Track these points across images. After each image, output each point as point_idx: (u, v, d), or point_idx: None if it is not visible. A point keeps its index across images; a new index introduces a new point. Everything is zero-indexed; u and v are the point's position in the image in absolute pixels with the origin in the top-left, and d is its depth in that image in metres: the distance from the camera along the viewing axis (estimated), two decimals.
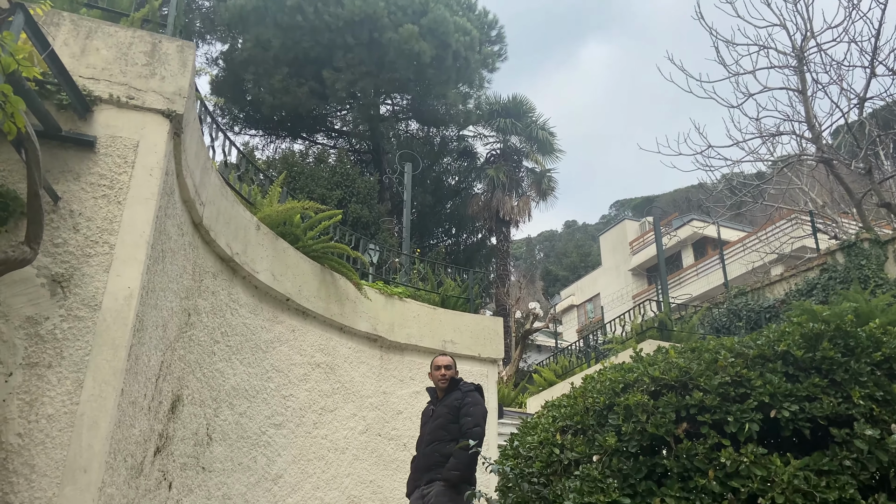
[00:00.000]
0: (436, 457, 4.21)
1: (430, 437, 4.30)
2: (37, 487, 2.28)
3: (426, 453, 4.27)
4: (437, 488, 4.14)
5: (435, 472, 4.17)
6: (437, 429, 4.30)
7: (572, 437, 3.92)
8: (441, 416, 4.35)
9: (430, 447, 4.27)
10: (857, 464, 3.25)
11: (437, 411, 4.40)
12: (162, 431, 3.27)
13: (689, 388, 3.62)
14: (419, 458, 4.29)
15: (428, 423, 4.39)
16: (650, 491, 3.47)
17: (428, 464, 4.21)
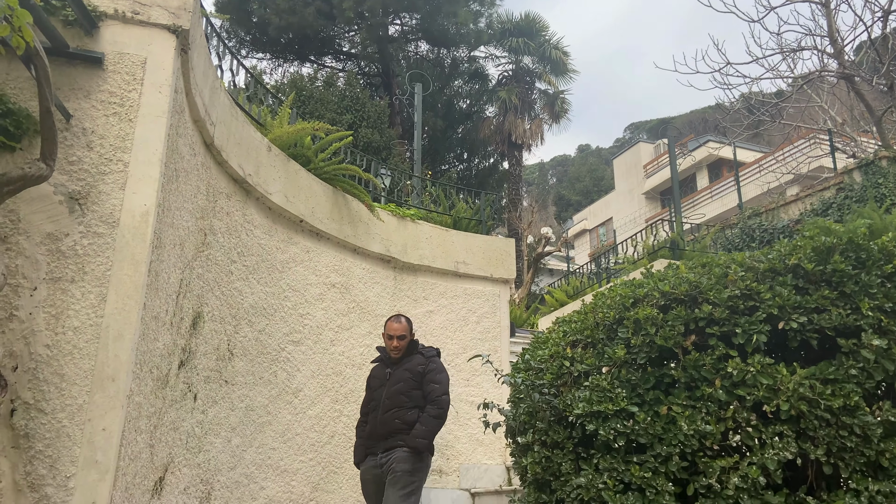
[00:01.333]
0: (396, 423, 4.00)
1: (390, 402, 4.05)
2: (67, 395, 2.39)
3: (384, 420, 4.00)
4: (401, 454, 3.96)
5: (395, 439, 3.97)
6: (398, 394, 4.07)
7: (582, 350, 4.01)
8: (402, 381, 4.10)
9: (389, 413, 4.02)
10: (862, 373, 3.31)
11: (397, 375, 4.13)
12: (185, 346, 3.38)
13: (698, 301, 3.67)
14: (376, 425, 4.01)
15: (383, 387, 4.10)
16: (657, 400, 3.57)
17: (387, 430, 3.98)
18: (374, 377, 4.23)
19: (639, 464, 3.48)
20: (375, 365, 4.33)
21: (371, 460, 4.03)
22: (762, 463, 3.26)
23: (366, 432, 4.08)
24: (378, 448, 3.99)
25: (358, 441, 4.14)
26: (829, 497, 3.29)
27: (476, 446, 5.99)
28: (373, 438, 4.02)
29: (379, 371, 4.25)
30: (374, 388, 4.17)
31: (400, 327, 4.18)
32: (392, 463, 3.93)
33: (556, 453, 3.81)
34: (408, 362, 4.18)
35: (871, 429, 3.20)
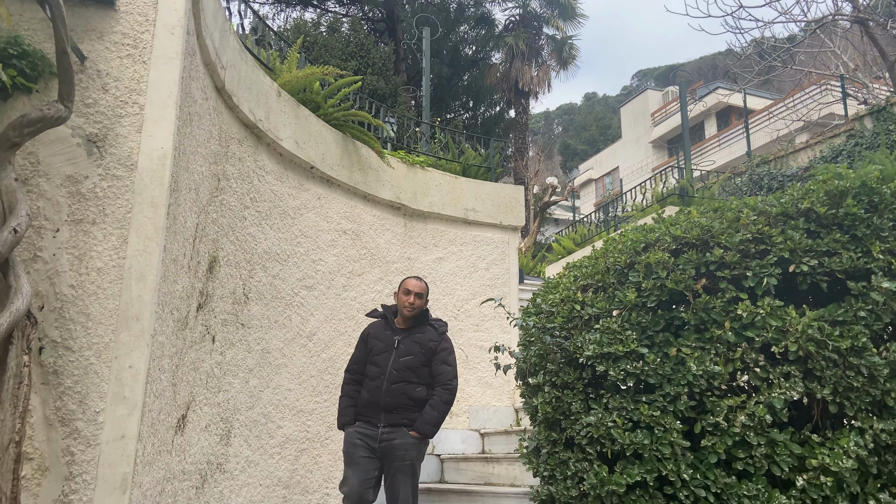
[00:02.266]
0: (403, 399, 3.81)
1: (398, 374, 3.84)
2: (93, 334, 2.45)
3: (390, 391, 3.80)
4: (408, 440, 3.78)
5: (400, 416, 3.79)
6: (406, 368, 3.86)
7: (593, 294, 4.06)
8: (412, 354, 3.90)
9: (396, 386, 3.82)
10: (871, 315, 3.36)
11: (406, 346, 3.92)
12: (202, 289, 3.44)
13: (709, 245, 3.69)
14: (379, 394, 3.79)
15: (388, 353, 3.89)
16: (667, 342, 3.64)
17: (392, 403, 3.79)
18: (375, 338, 3.97)
19: (647, 403, 3.56)
20: (375, 322, 4.08)
21: (366, 428, 3.81)
22: (769, 402, 3.33)
23: (363, 398, 3.85)
24: (378, 419, 3.79)
25: (347, 401, 3.90)
26: (833, 435, 3.38)
27: (485, 389, 6.11)
28: (372, 407, 3.81)
29: (383, 333, 3.99)
30: (376, 352, 3.91)
31: (420, 284, 4.01)
32: (399, 449, 3.76)
33: (566, 393, 3.90)
34: (418, 333, 3.97)
35: (877, 369, 3.27)
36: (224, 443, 3.68)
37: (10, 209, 2.13)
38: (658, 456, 3.42)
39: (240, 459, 3.84)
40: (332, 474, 4.74)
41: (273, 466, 4.17)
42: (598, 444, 3.63)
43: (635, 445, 3.45)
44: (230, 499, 3.71)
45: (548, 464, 3.90)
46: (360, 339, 4.08)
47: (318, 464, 4.62)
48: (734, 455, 3.37)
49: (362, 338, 4.05)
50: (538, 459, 4.05)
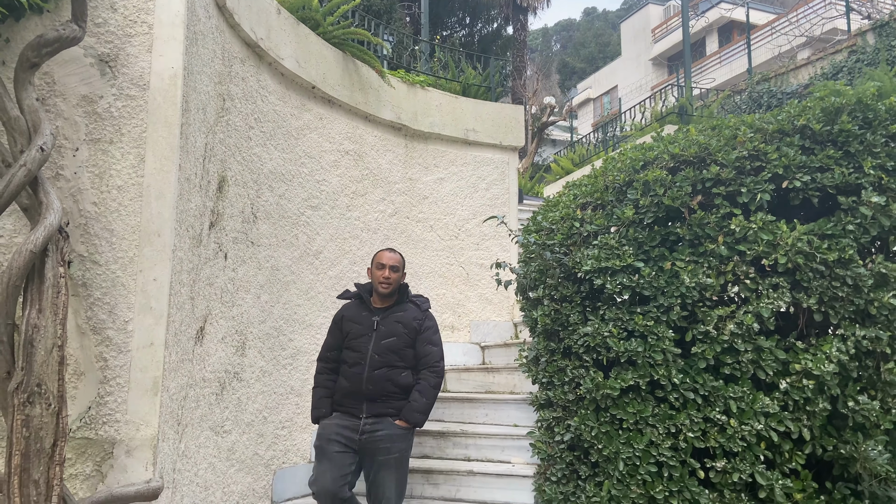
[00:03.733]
0: (387, 386, 3.50)
1: (380, 359, 3.52)
2: (118, 248, 2.57)
3: (373, 379, 3.49)
4: (395, 430, 3.49)
5: (384, 405, 3.50)
6: (389, 351, 3.55)
7: (592, 211, 4.18)
8: (395, 336, 3.58)
9: (379, 372, 3.51)
10: (859, 228, 3.50)
11: (387, 326, 3.60)
12: (213, 208, 3.54)
13: (706, 163, 3.79)
14: (360, 382, 3.49)
15: (367, 335, 3.57)
16: (662, 256, 3.79)
17: (376, 391, 3.49)
18: (351, 321, 3.63)
19: (642, 314, 3.75)
20: (348, 304, 3.75)
21: (346, 420, 3.49)
22: (757, 311, 3.51)
23: (341, 387, 3.54)
24: (359, 410, 3.48)
25: (322, 392, 3.59)
26: (817, 342, 3.58)
27: (485, 305, 6.32)
28: (353, 396, 3.49)
29: (359, 315, 3.64)
30: (353, 335, 3.58)
31: (395, 257, 3.67)
32: (385, 441, 3.45)
33: (564, 306, 4.08)
34: (398, 311, 3.66)
35: (862, 280, 3.43)
36: (240, 354, 3.88)
37: (34, 128, 2.21)
38: (650, 362, 3.63)
39: (254, 369, 4.05)
40: None
41: (286, 376, 4.40)
42: (594, 352, 3.84)
43: (629, 353, 3.65)
44: (247, 405, 3.94)
45: (546, 371, 4.12)
46: (332, 324, 3.73)
47: None
48: (722, 361, 3.58)
49: (335, 322, 3.71)
50: (537, 368, 4.28)
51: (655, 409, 3.61)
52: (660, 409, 3.60)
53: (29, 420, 1.91)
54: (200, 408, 3.38)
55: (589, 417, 3.76)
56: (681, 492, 3.50)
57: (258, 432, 4.07)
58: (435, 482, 4.39)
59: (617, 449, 3.60)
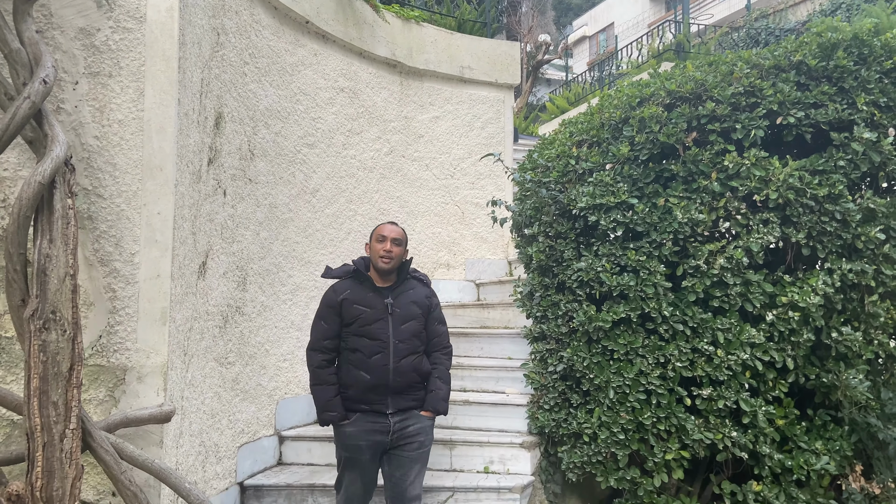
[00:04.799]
0: (413, 376, 3.19)
1: (406, 346, 3.17)
2: (121, 182, 2.61)
3: (401, 369, 3.14)
4: (424, 423, 3.23)
5: (409, 398, 3.19)
6: (412, 337, 3.22)
7: (587, 149, 4.22)
8: (413, 318, 3.25)
9: (406, 361, 3.16)
10: (850, 164, 3.56)
11: (405, 308, 3.24)
12: (211, 145, 3.56)
13: (702, 99, 3.82)
14: (386, 375, 3.12)
15: (383, 319, 3.18)
16: (656, 192, 3.85)
17: (403, 383, 3.15)
18: (357, 304, 3.19)
19: (634, 249, 3.83)
20: (342, 283, 3.29)
21: (373, 421, 3.12)
22: (747, 246, 3.60)
23: (360, 381, 3.12)
24: (385, 405, 3.13)
25: (330, 390, 3.15)
26: (804, 275, 3.68)
27: (480, 243, 6.40)
28: (377, 391, 3.12)
29: (364, 295, 3.22)
30: (365, 321, 3.16)
31: (397, 230, 3.30)
32: (418, 435, 3.19)
33: (559, 242, 4.16)
34: (408, 290, 3.32)
35: (850, 214, 3.51)
36: (241, 289, 3.96)
37: (35, 61, 2.21)
38: (642, 296, 3.73)
39: (256, 304, 4.14)
40: None
41: (286, 311, 4.49)
42: (587, 286, 3.94)
43: (621, 287, 3.75)
44: (249, 338, 4.05)
45: (540, 305, 4.24)
46: (324, 308, 3.25)
47: None
48: (711, 294, 3.69)
49: (329, 306, 3.23)
50: (531, 302, 4.39)
51: (645, 341, 3.74)
52: (650, 341, 3.73)
53: (45, 345, 1.99)
54: (205, 340, 3.47)
55: (581, 349, 3.88)
56: (668, 418, 3.66)
57: (261, 364, 4.19)
58: None
59: (608, 378, 3.74)
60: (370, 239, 3.33)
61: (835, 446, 3.71)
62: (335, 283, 3.33)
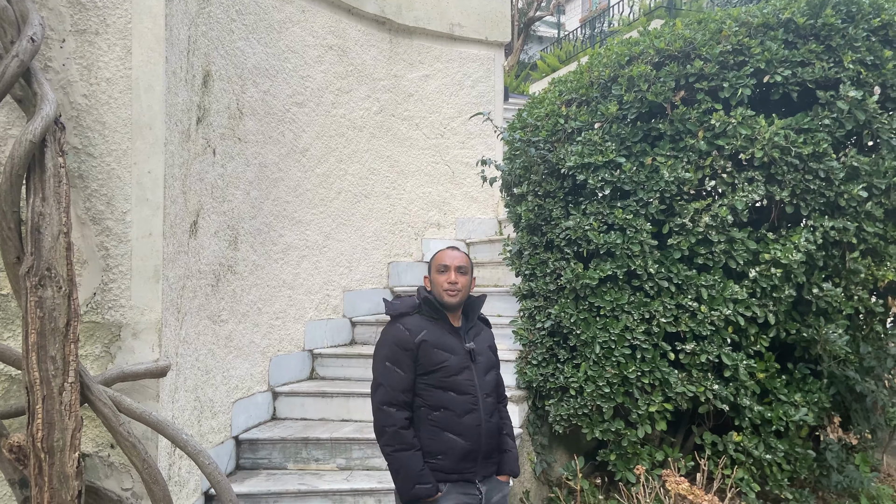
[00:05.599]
0: (498, 438, 2.66)
1: (491, 401, 2.64)
2: (111, 141, 2.61)
3: (490, 430, 2.60)
4: (505, 489, 2.71)
5: (494, 462, 2.65)
6: (494, 388, 2.70)
7: (576, 108, 4.23)
8: (492, 367, 2.73)
9: (493, 419, 2.63)
10: (835, 122, 3.60)
11: (484, 355, 2.69)
12: (199, 103, 3.55)
13: (690, 58, 3.83)
14: (479, 438, 2.54)
15: (468, 368, 2.59)
16: (644, 151, 3.89)
17: (492, 446, 2.62)
18: (438, 348, 2.57)
19: (622, 208, 3.88)
20: (412, 319, 2.63)
21: (463, 492, 2.55)
22: (732, 204, 3.66)
23: (453, 447, 2.52)
24: (474, 473, 2.57)
25: (417, 456, 2.50)
26: (787, 233, 3.75)
27: (470, 203, 6.43)
28: (468, 459, 2.54)
29: (444, 337, 2.60)
30: (450, 370, 2.55)
31: (460, 257, 2.68)
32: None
33: (548, 201, 4.20)
34: (477, 329, 2.76)
35: (834, 173, 3.56)
36: (232, 248, 3.99)
37: (23, 19, 2.20)
38: (628, 254, 3.80)
39: (247, 263, 4.18)
40: (330, 278, 5.16)
41: (277, 270, 4.54)
42: (575, 244, 4.00)
43: (608, 245, 3.81)
44: (241, 296, 4.10)
45: (529, 264, 4.30)
46: (398, 351, 2.57)
47: (318, 269, 5.01)
48: (696, 252, 3.75)
49: (404, 348, 2.56)
50: (520, 261, 4.45)
51: (631, 297, 3.82)
52: (635, 297, 3.81)
53: (42, 301, 2.03)
54: (198, 298, 3.52)
55: (568, 306, 3.96)
56: (652, 372, 3.76)
57: (253, 322, 4.25)
58: None
59: (594, 334, 3.83)
60: (429, 270, 2.72)
61: (813, 398, 3.83)
62: (404, 318, 2.66)
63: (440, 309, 2.63)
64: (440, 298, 2.63)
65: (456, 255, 2.68)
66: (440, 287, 2.63)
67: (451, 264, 2.63)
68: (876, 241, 3.70)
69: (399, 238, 5.98)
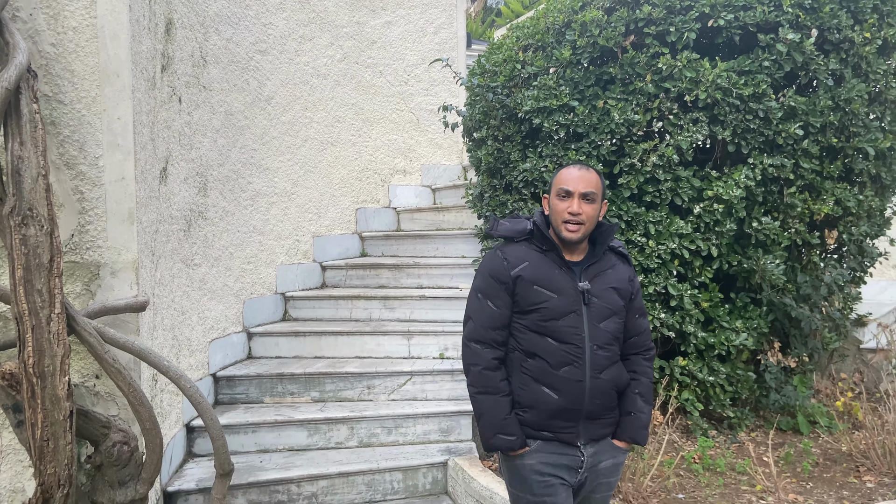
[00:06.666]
0: (612, 396, 2.22)
1: (605, 354, 2.18)
2: (80, 88, 2.71)
3: (600, 387, 2.17)
4: (619, 457, 2.28)
5: (604, 424, 2.23)
6: (612, 339, 2.21)
7: (533, 53, 4.38)
8: (615, 312, 2.22)
9: (606, 375, 2.18)
10: (774, 64, 3.80)
11: (602, 294, 2.20)
12: (163, 51, 3.62)
13: (640, 2, 3.97)
14: (581, 394, 2.13)
15: (575, 312, 2.15)
16: (596, 95, 4.06)
17: (601, 406, 2.19)
18: (538, 284, 2.17)
19: (576, 150, 4.07)
20: (513, 248, 2.23)
21: (559, 453, 2.19)
22: (677, 144, 3.87)
23: (545, 403, 2.15)
24: (575, 434, 2.19)
25: (504, 402, 2.18)
26: (729, 170, 3.99)
27: (435, 150, 6.58)
28: (566, 416, 2.17)
29: (549, 272, 2.18)
30: (550, 313, 2.15)
31: (588, 179, 2.16)
32: (610, 474, 2.27)
33: (506, 145, 4.38)
34: (606, 268, 2.26)
35: (773, 112, 3.78)
36: (202, 194, 4.12)
37: None
38: None
39: (217, 209, 4.31)
40: (300, 224, 5.31)
41: (247, 216, 4.68)
42: (532, 186, 4.20)
43: None
44: (213, 241, 4.24)
45: (490, 205, 4.50)
46: (491, 282, 2.21)
47: (287, 215, 5.16)
48: (644, 190, 3.98)
49: (498, 279, 2.20)
50: (482, 203, 4.65)
51: None
52: None
53: (26, 239, 2.17)
54: (171, 242, 3.66)
55: None
56: None
57: (226, 266, 4.41)
58: (391, 307, 4.87)
59: None
60: (550, 191, 2.24)
61: (753, 325, 4.14)
62: (505, 246, 2.27)
63: (549, 238, 2.20)
64: (557, 231, 2.19)
65: (583, 177, 2.16)
66: (559, 216, 2.17)
67: (574, 189, 2.14)
68: (812, 176, 3.96)
69: (366, 185, 6.12)
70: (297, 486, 3.53)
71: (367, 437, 3.94)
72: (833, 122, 3.80)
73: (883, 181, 4.24)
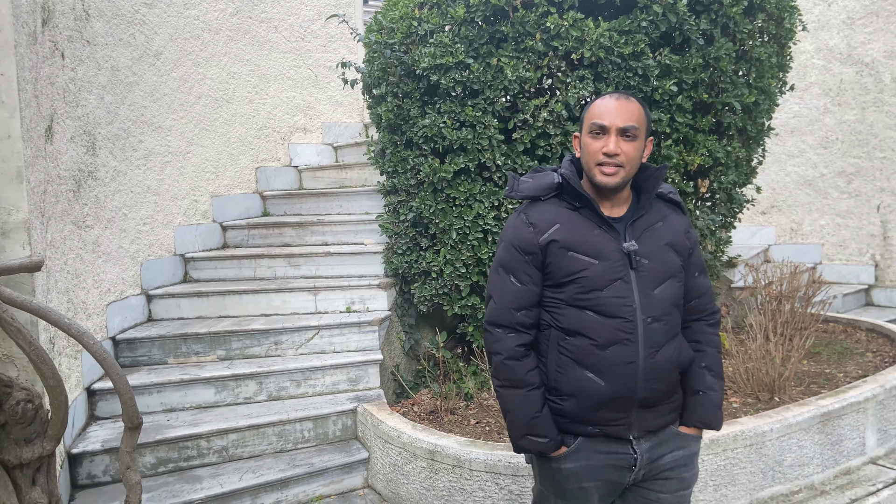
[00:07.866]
0: (673, 377, 1.85)
1: (663, 326, 1.80)
2: None
3: (657, 368, 1.78)
4: (691, 447, 1.91)
5: (664, 411, 1.86)
6: (672, 307, 1.84)
7: (429, 10, 4.45)
8: (671, 275, 1.84)
9: (663, 353, 1.79)
10: (651, 24, 4.06)
11: (653, 256, 1.82)
12: (43, 4, 3.44)
13: None
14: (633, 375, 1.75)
15: (622, 278, 1.77)
16: (490, 53, 4.21)
17: (659, 392, 1.81)
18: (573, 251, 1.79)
19: (472, 106, 4.22)
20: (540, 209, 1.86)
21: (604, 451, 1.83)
22: (565, 100, 4.09)
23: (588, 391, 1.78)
24: (625, 426, 1.81)
25: (534, 396, 1.83)
26: None
27: (336, 107, 6.56)
28: (616, 407, 1.79)
29: (587, 234, 1.80)
30: (590, 281, 1.77)
31: (629, 110, 1.75)
32: (681, 469, 1.89)
33: (405, 102, 4.47)
34: (656, 221, 1.87)
35: (650, 70, 4.05)
36: (91, 153, 3.97)
37: None
38: (479, 148, 4.18)
39: (108, 169, 4.17)
40: (197, 184, 5.21)
41: (141, 176, 4.55)
42: (431, 141, 4.33)
43: (461, 140, 4.17)
44: (105, 203, 4.12)
45: (391, 161, 4.60)
46: (514, 253, 1.85)
47: (184, 174, 5.04)
48: (537, 144, 4.20)
49: (523, 249, 1.84)
50: (383, 160, 4.74)
51: (482, 188, 4.23)
52: (486, 188, 4.23)
53: None
54: (60, 203, 3.55)
55: (428, 198, 4.32)
56: None
57: (120, 228, 4.30)
58: (297, 264, 4.91)
59: (451, 222, 4.24)
60: (581, 128, 1.85)
61: None
62: (529, 207, 1.89)
63: (584, 194, 1.79)
64: (591, 176, 1.79)
65: (621, 108, 1.74)
66: (591, 158, 1.77)
67: (610, 123, 1.73)
68: (686, 130, 4.29)
69: (265, 143, 6.05)
70: (207, 440, 3.58)
71: (276, 390, 4.02)
72: (704, 79, 4.13)
73: (749, 133, 4.64)
